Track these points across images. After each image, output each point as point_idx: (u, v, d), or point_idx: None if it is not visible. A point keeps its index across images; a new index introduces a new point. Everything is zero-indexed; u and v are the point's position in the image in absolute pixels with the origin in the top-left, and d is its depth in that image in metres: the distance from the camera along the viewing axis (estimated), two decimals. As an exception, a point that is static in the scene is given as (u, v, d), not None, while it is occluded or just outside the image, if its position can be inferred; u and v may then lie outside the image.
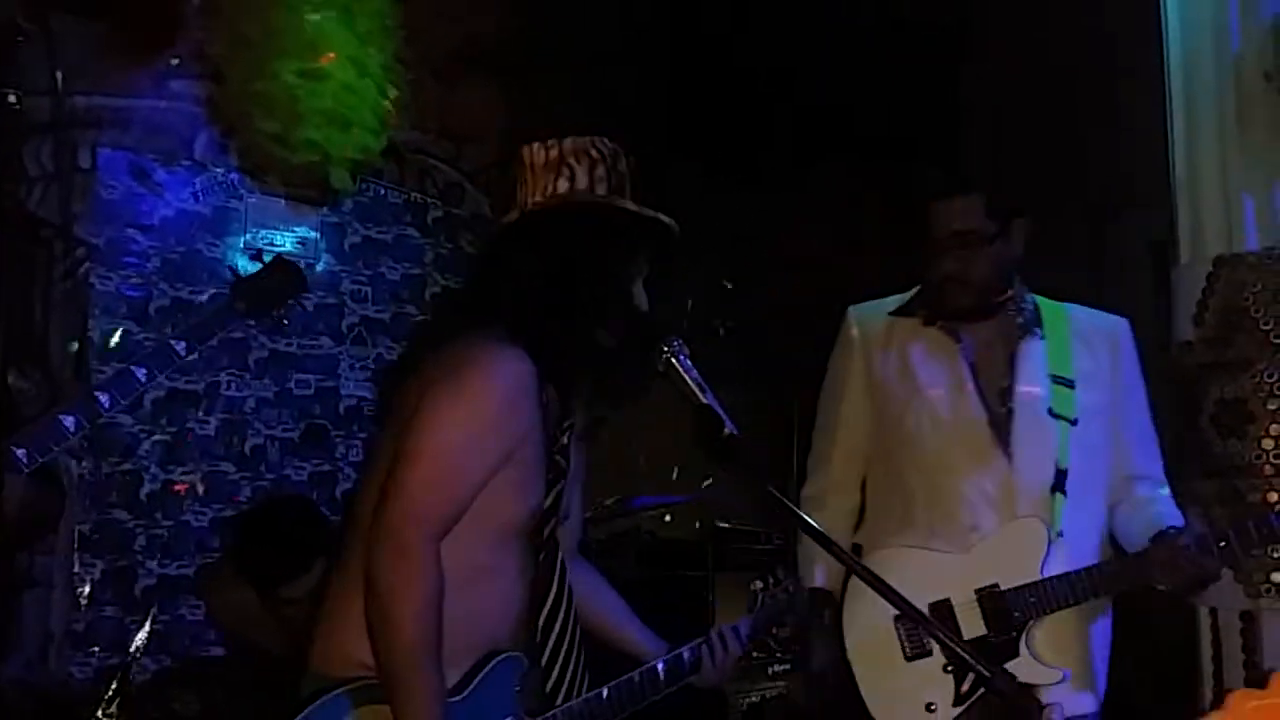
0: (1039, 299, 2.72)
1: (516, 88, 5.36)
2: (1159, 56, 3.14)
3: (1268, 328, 2.81)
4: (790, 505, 1.97)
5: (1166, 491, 2.66)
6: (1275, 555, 2.71)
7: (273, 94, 4.34)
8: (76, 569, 4.19)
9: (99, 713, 4.11)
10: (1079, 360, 2.64)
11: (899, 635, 2.53)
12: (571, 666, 2.13)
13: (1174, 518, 2.54)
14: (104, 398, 2.77)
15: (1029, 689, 2.38)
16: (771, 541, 4.70)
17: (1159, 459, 2.68)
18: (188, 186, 4.58)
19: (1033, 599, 2.47)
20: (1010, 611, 2.47)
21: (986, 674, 1.79)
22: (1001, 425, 2.57)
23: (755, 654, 4.49)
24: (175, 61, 4.50)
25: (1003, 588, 2.49)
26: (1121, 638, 2.58)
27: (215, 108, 4.55)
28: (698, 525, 4.88)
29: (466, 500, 1.98)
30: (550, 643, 2.11)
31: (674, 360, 2.03)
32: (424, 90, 5.03)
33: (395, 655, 1.89)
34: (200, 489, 4.45)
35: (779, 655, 4.54)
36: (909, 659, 2.52)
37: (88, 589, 4.20)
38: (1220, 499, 2.80)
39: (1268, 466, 2.73)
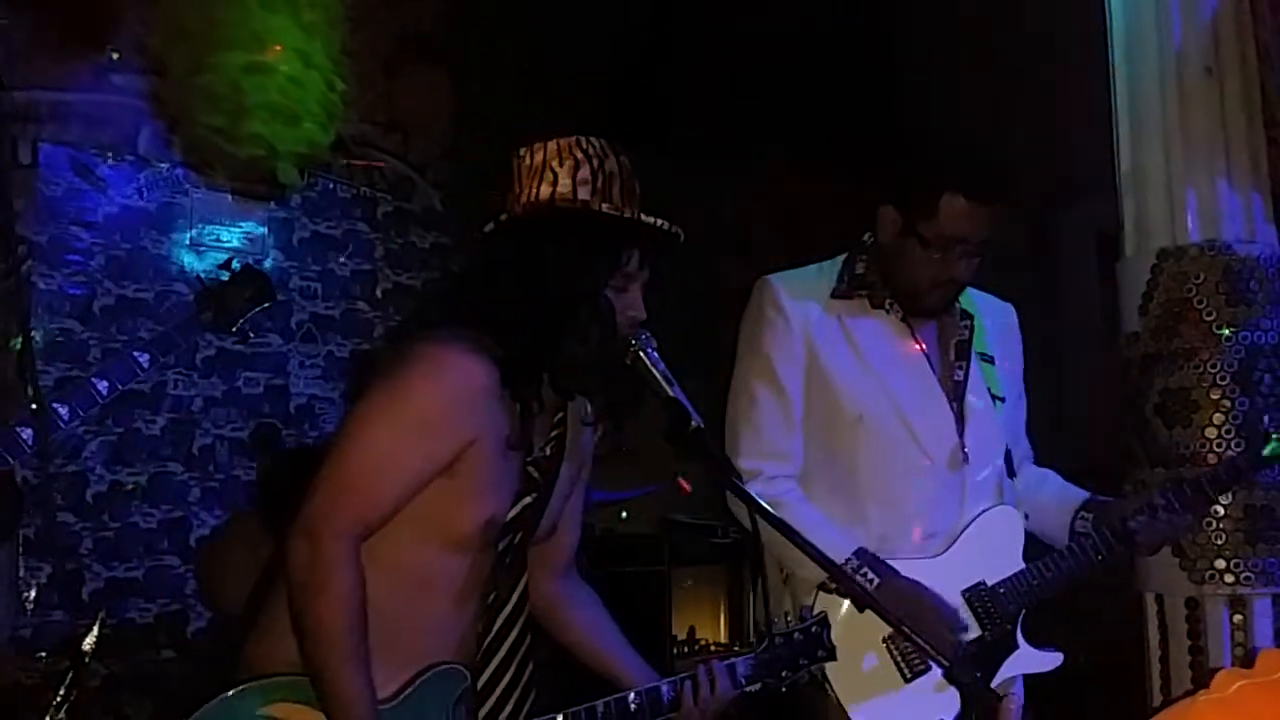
0: None
1: (465, 78, 5.33)
2: (1103, 50, 3.17)
3: (1210, 318, 2.84)
4: (759, 502, 1.94)
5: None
6: (1218, 542, 2.76)
7: (217, 87, 4.28)
8: (22, 573, 4.11)
9: (47, 718, 4.06)
10: (991, 340, 2.63)
11: (893, 656, 2.37)
12: (517, 689, 2.05)
13: (1079, 490, 2.59)
14: (63, 410, 2.74)
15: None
16: (728, 535, 4.72)
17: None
18: (132, 182, 4.52)
19: (1023, 590, 2.41)
20: (1005, 606, 2.41)
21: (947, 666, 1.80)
22: (959, 416, 2.50)
23: (711, 647, 4.51)
24: (116, 55, 4.44)
25: (989, 583, 2.42)
26: (1069, 627, 2.61)
27: (158, 101, 4.49)
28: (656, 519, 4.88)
29: (388, 503, 1.91)
30: (494, 661, 2.04)
31: (641, 354, 2.00)
32: (372, 83, 5.00)
33: (316, 652, 1.84)
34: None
35: (735, 649, 4.61)
36: (909, 679, 2.36)
37: (34, 593, 4.13)
38: (1165, 488, 2.82)
39: (1211, 455, 2.76)
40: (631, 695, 2.06)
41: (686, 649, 4.55)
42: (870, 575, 2.33)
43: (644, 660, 2.24)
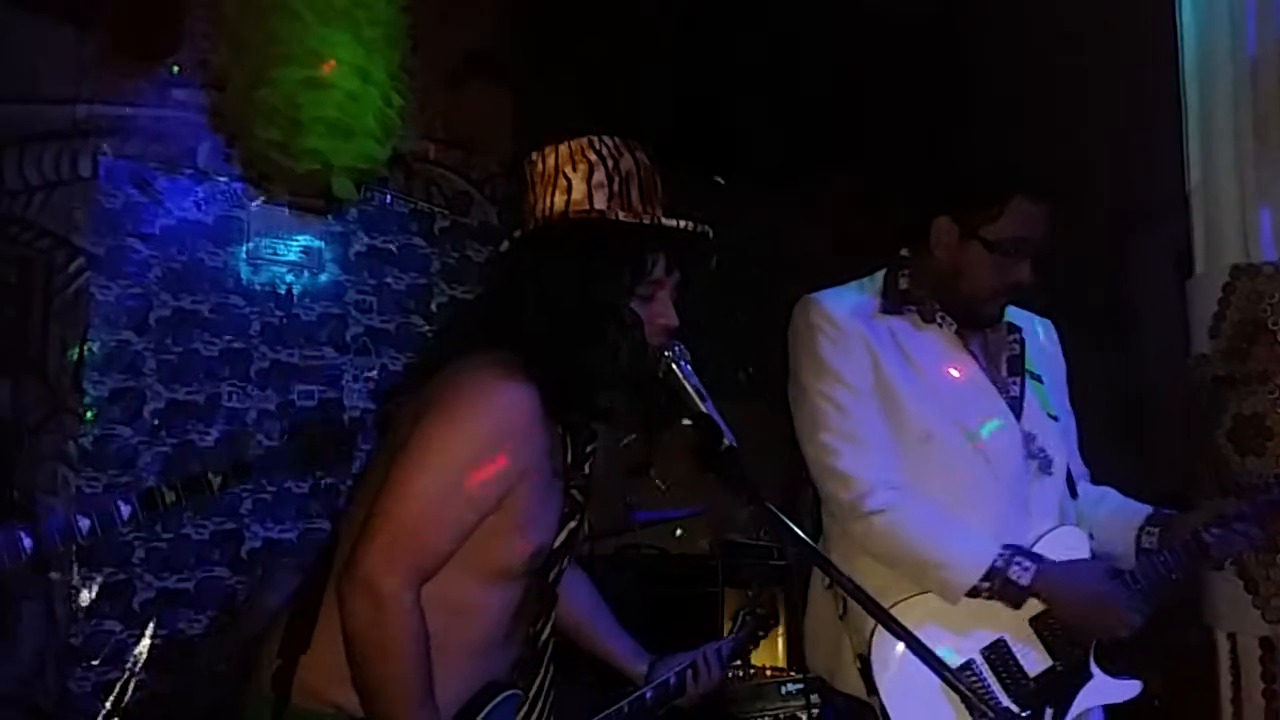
0: None
1: (524, 94, 5.31)
2: (1175, 63, 3.05)
3: (1287, 340, 2.71)
4: (790, 524, 1.82)
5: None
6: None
7: (275, 102, 4.29)
8: (74, 582, 4.13)
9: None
10: (1036, 357, 2.54)
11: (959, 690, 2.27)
12: (549, 710, 2.02)
13: (1141, 505, 2.49)
14: (84, 522, 2.79)
15: None
16: (784, 556, 4.61)
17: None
18: (190, 195, 4.54)
19: None
20: (1075, 633, 2.29)
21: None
22: (1020, 433, 2.40)
23: (767, 671, 4.43)
24: (177, 69, 4.47)
25: None
26: (1139, 660, 2.47)
27: (217, 116, 4.52)
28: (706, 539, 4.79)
29: (446, 548, 1.83)
30: (535, 686, 2.00)
31: (674, 366, 1.91)
32: (431, 98, 4.99)
33: (382, 707, 1.77)
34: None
35: (791, 674, 4.49)
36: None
37: (86, 602, 4.15)
38: (1237, 518, 2.69)
39: (1287, 485, 2.62)
40: (649, 692, 2.23)
41: (740, 673, 4.44)
42: (1025, 565, 2.23)
43: (635, 642, 2.34)
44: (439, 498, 1.80)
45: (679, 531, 4.93)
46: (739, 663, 4.50)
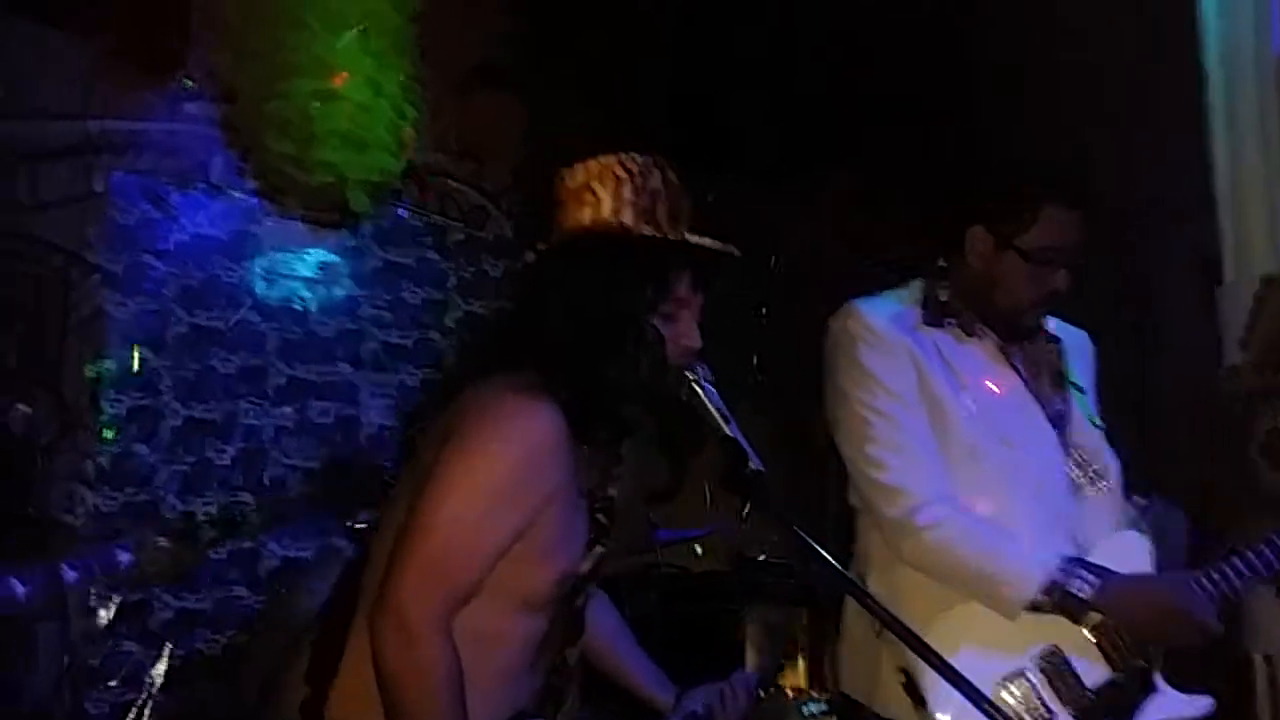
0: None
1: (532, 100, 5.27)
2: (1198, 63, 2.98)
3: (1320, 351, 2.64)
4: (818, 548, 1.76)
5: None
6: (1334, 599, 2.54)
7: (287, 115, 4.27)
8: (92, 602, 4.10)
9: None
10: (1075, 368, 2.49)
11: (1018, 703, 2.17)
12: None
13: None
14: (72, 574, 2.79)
15: None
16: (806, 574, 4.55)
17: None
18: (204, 210, 4.51)
19: None
20: (1137, 642, 2.21)
21: None
22: (1066, 447, 2.36)
23: (790, 690, 4.37)
24: (188, 83, 4.44)
25: None
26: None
27: (230, 130, 4.49)
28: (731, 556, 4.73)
29: (477, 579, 1.80)
30: (564, 710, 1.98)
31: (697, 387, 1.88)
32: (443, 110, 4.96)
33: (414, 707, 1.72)
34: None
35: (812, 694, 4.42)
36: None
37: (103, 622, 4.12)
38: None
39: (1322, 500, 2.55)
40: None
41: (761, 693, 4.37)
42: (1087, 578, 2.16)
43: (658, 670, 2.27)
44: (469, 525, 1.77)
45: (699, 550, 4.87)
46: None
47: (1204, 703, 2.25)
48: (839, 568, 1.83)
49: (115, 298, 4.28)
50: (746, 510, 1.89)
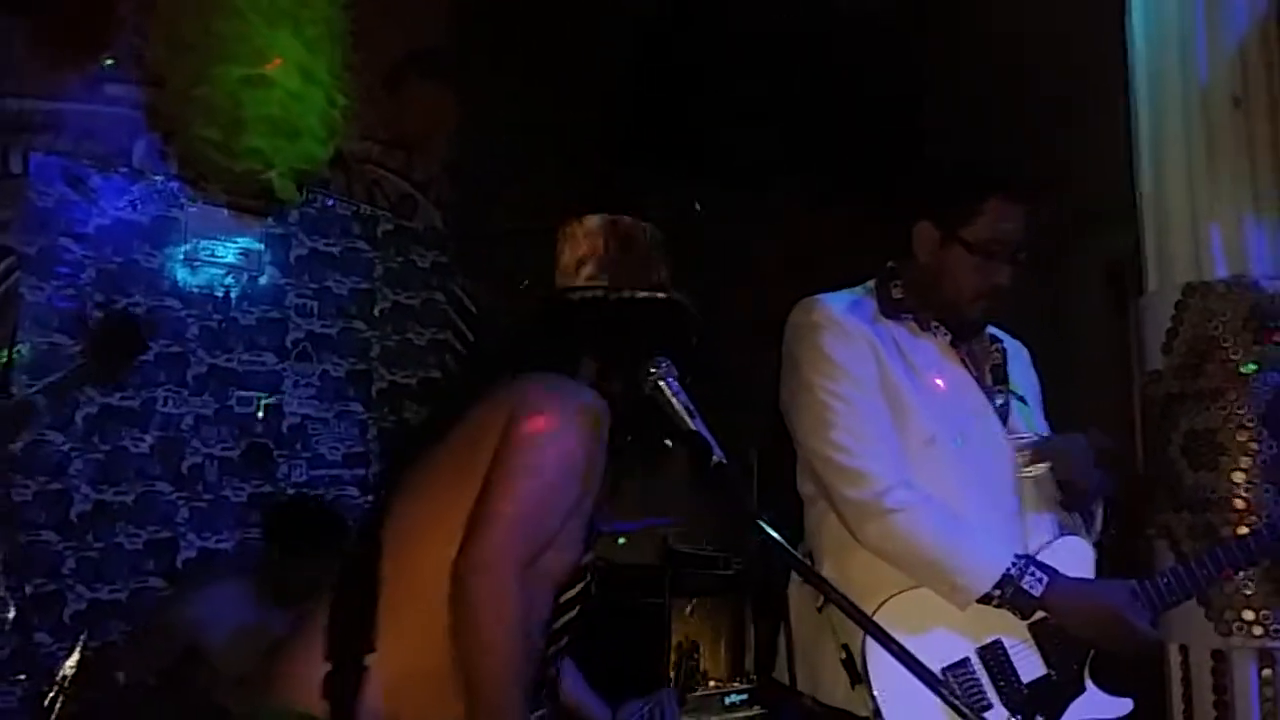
0: None
1: (468, 96, 5.24)
2: (1124, 75, 3.08)
3: (1236, 357, 2.74)
4: (780, 540, 1.81)
5: None
6: (1246, 593, 2.64)
7: (215, 100, 4.19)
8: (2, 593, 3.99)
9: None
10: (1019, 377, 2.56)
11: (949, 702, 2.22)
12: None
13: None
14: None
15: None
16: (730, 566, 4.59)
17: None
18: (125, 194, 4.41)
19: None
20: (1072, 644, 2.27)
21: None
22: (1009, 448, 2.41)
23: (710, 682, 4.40)
24: (110, 64, 4.34)
25: None
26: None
27: (154, 113, 4.40)
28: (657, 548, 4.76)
29: (547, 543, 1.94)
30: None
31: (661, 383, 1.94)
32: (373, 98, 4.91)
33: (490, 674, 1.84)
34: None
35: (734, 685, 4.48)
36: None
37: (12, 613, 4.01)
38: (1191, 533, 2.72)
39: (1239, 500, 2.65)
40: None
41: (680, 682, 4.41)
42: (1038, 575, 2.22)
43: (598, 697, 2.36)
44: (549, 491, 1.93)
45: (622, 541, 4.89)
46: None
47: (1125, 704, 2.33)
48: (798, 556, 1.90)
49: (30, 281, 4.16)
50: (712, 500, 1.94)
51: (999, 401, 2.45)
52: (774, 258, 5.30)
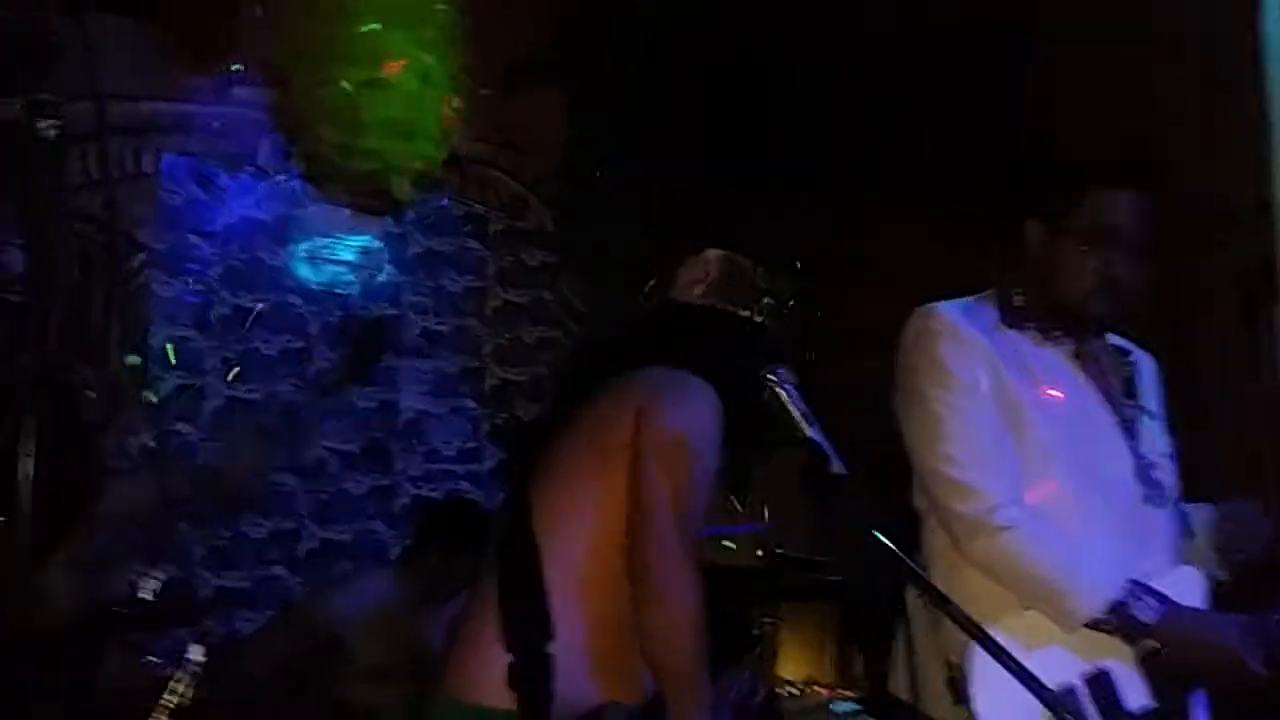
0: None
1: (577, 99, 5.30)
2: (1257, 68, 3.01)
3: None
4: (899, 552, 1.76)
5: None
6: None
7: (335, 102, 4.32)
8: (133, 578, 4.14)
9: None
10: (1146, 390, 2.44)
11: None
12: None
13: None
14: None
15: None
16: (835, 573, 4.58)
17: None
18: (250, 193, 4.54)
19: None
20: (1184, 675, 2.18)
21: None
22: (1140, 465, 2.30)
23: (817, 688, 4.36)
24: (239, 68, 4.48)
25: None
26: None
27: (278, 115, 4.53)
28: (759, 553, 4.76)
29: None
30: None
31: (780, 390, 1.93)
32: (487, 101, 4.99)
33: (692, 672, 1.94)
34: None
35: (841, 692, 4.46)
36: None
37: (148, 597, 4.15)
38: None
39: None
40: None
41: (791, 690, 4.42)
42: (1151, 603, 2.14)
43: None
44: (702, 484, 2.03)
45: (727, 543, 4.91)
46: (789, 681, 4.50)
47: None
48: (915, 566, 1.85)
49: (161, 277, 4.31)
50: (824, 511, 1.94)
51: (1128, 415, 2.36)
52: (873, 265, 5.27)
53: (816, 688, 4.47)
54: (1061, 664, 2.20)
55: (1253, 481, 2.96)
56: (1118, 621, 2.14)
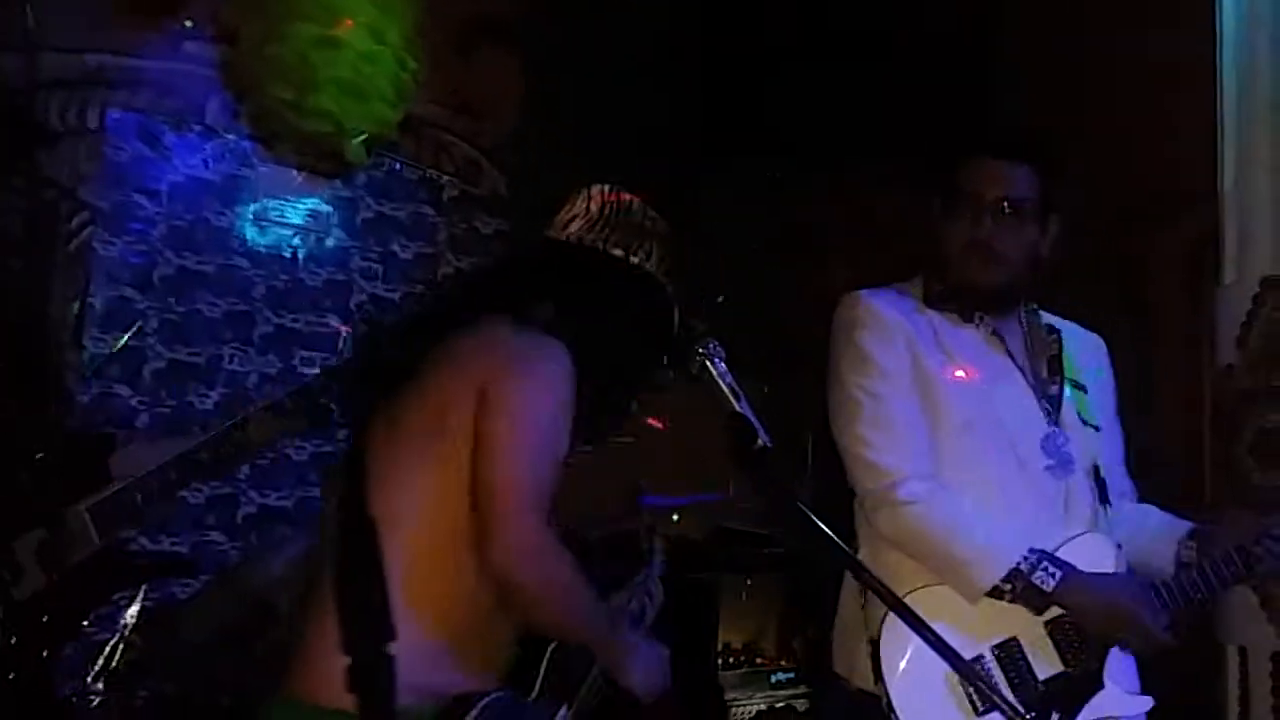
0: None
1: (535, 64, 5.23)
2: (1212, 57, 3.00)
3: (1314, 355, 2.67)
4: (822, 525, 1.81)
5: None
6: (1312, 597, 2.59)
7: (287, 60, 4.21)
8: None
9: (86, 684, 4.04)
10: (1080, 368, 2.51)
11: (965, 686, 2.22)
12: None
13: (1184, 521, 2.43)
14: None
15: None
16: (780, 545, 4.58)
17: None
18: (198, 152, 4.46)
19: None
20: (1088, 639, 2.26)
21: None
22: (1055, 436, 2.39)
23: (758, 660, 4.40)
24: (188, 23, 4.38)
25: None
26: (1144, 678, 2.43)
27: (228, 72, 4.43)
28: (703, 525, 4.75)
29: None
30: None
31: (709, 363, 1.95)
32: (443, 63, 4.91)
33: (577, 631, 1.95)
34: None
35: (782, 664, 4.47)
36: (980, 713, 2.22)
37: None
38: (1257, 534, 2.65)
39: (1309, 502, 2.59)
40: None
41: (733, 660, 4.42)
42: (1051, 570, 2.22)
43: None
44: (548, 442, 1.91)
45: (676, 517, 4.88)
46: (731, 651, 4.50)
47: (1145, 703, 2.31)
48: (838, 541, 1.85)
49: (103, 235, 4.22)
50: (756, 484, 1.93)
51: (1052, 391, 2.43)
52: (846, 237, 5.25)
53: (758, 659, 4.48)
54: (969, 637, 2.24)
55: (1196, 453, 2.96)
56: (1019, 590, 2.18)
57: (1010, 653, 2.27)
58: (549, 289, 2.06)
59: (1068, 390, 2.45)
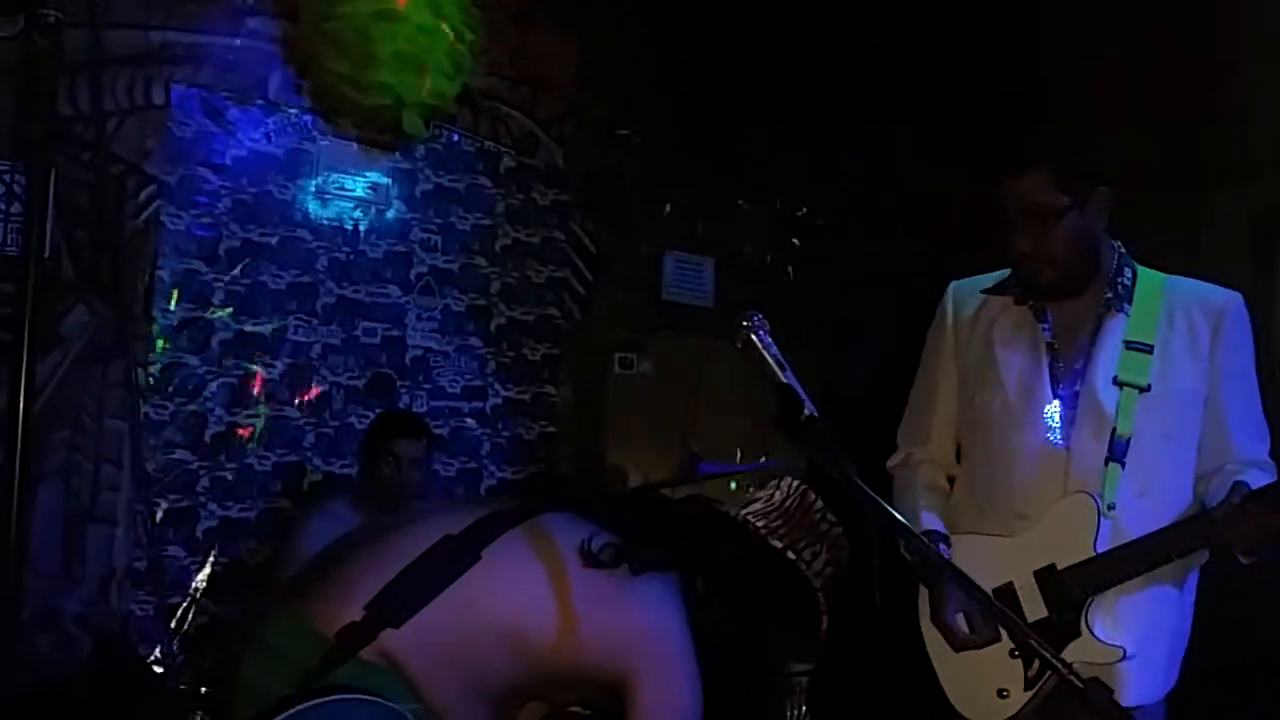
0: (1141, 270, 2.56)
1: (591, 36, 5.25)
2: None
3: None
4: (870, 493, 1.89)
5: (1266, 473, 2.46)
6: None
7: (346, 34, 4.27)
8: (139, 508, 4.19)
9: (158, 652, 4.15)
10: (1166, 330, 2.50)
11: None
12: None
13: (1256, 484, 2.36)
14: None
15: (1098, 681, 2.25)
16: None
17: (1265, 444, 2.51)
18: (260, 127, 4.52)
19: (1088, 575, 2.40)
20: (1068, 590, 2.41)
21: (1059, 665, 1.82)
22: (1068, 406, 2.51)
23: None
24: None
25: (1060, 567, 2.43)
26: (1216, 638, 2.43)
27: (289, 46, 4.50)
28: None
29: None
30: None
31: (753, 336, 1.98)
32: (500, 36, 4.94)
33: None
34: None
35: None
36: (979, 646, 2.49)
37: (150, 528, 4.20)
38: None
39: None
40: None
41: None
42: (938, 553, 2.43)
43: None
44: None
45: (734, 485, 4.92)
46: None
47: (1117, 653, 2.39)
48: (887, 506, 1.93)
49: (170, 209, 4.31)
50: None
51: (1078, 364, 2.53)
52: (895, 207, 5.22)
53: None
54: (978, 578, 2.31)
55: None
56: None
57: (1005, 596, 2.46)
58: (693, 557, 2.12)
59: (1108, 355, 2.50)
